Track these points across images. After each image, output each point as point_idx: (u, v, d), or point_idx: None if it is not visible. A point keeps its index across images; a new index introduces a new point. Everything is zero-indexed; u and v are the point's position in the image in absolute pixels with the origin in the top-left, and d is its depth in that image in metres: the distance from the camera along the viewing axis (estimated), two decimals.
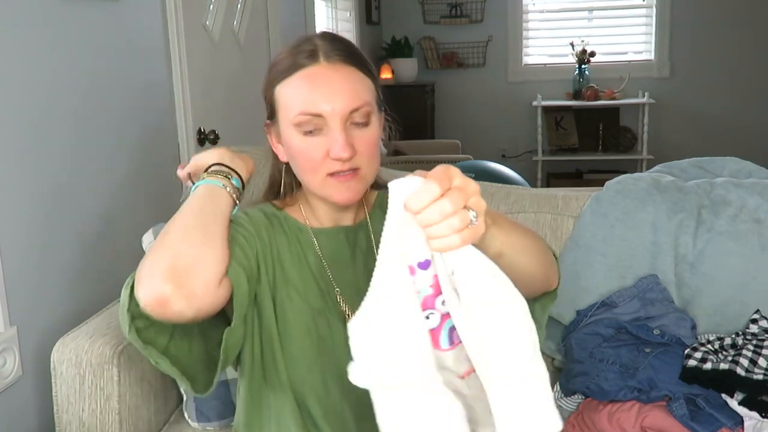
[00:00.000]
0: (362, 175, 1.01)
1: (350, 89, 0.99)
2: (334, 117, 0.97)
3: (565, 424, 1.50)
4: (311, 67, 0.99)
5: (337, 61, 1.00)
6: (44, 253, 1.59)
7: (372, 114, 1.01)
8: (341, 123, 0.98)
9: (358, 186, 1.01)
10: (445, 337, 0.76)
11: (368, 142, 1.00)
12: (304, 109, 0.98)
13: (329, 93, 0.98)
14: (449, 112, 5.60)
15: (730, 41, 5.22)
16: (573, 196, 1.79)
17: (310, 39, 1.03)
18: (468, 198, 0.70)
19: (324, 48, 1.01)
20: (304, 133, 0.99)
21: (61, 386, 1.41)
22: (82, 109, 1.72)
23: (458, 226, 0.69)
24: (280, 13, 3.14)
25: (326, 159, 0.99)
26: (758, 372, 1.38)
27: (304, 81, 0.99)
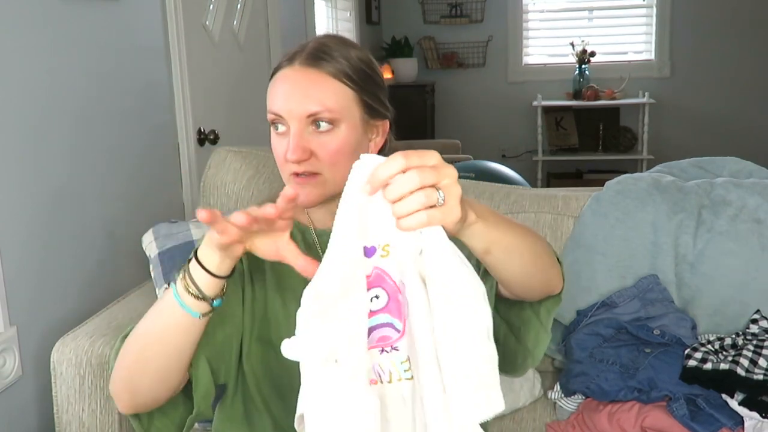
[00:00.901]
0: (322, 181, 1.00)
1: (313, 93, 0.99)
2: (291, 119, 0.99)
3: (565, 424, 1.50)
4: (286, 69, 1.02)
5: (310, 65, 1.00)
6: (44, 253, 1.59)
7: (339, 121, 1.00)
8: (298, 125, 0.99)
9: (315, 190, 1.01)
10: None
11: (329, 148, 0.99)
12: (270, 108, 1.01)
13: (290, 95, 0.99)
14: (449, 112, 5.59)
15: (730, 41, 5.22)
16: (573, 196, 1.79)
17: (307, 42, 1.05)
18: (440, 179, 0.71)
19: (308, 50, 1.01)
20: (274, 131, 1.02)
21: (61, 386, 1.41)
22: (82, 109, 1.72)
23: (424, 201, 0.69)
24: (280, 13, 3.14)
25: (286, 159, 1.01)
26: (758, 372, 1.38)
27: (277, 81, 1.02)
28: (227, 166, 1.79)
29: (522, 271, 0.92)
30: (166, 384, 0.95)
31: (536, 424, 1.55)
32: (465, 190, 0.76)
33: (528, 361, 1.07)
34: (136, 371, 0.94)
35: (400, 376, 0.77)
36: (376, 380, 0.76)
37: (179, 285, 0.88)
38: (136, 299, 1.62)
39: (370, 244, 0.75)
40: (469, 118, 5.56)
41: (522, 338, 1.06)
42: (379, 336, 0.76)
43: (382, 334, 0.76)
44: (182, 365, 0.94)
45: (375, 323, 0.76)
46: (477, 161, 3.84)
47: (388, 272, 0.76)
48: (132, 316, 1.52)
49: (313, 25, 3.71)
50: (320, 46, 1.03)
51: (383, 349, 0.76)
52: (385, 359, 0.76)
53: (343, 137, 1.01)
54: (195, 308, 0.88)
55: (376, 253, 0.76)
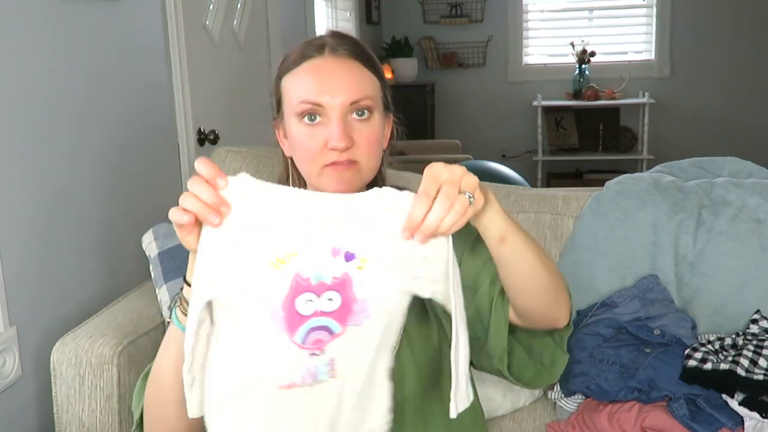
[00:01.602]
0: (359, 169, 1.00)
1: (352, 81, 0.99)
2: (333, 108, 0.98)
3: (565, 424, 1.50)
4: (316, 59, 1.01)
5: (342, 55, 1.01)
6: (44, 253, 1.59)
7: (374, 109, 1.01)
8: (340, 114, 0.98)
9: (353, 178, 1.00)
10: (302, 333, 0.79)
11: (368, 135, 1.00)
12: (305, 98, 0.99)
13: (330, 83, 0.98)
14: (449, 112, 5.59)
15: (730, 41, 5.22)
16: (573, 196, 1.79)
17: (321, 36, 1.05)
18: (459, 184, 0.79)
19: (332, 43, 1.02)
20: (305, 123, 1.00)
21: (61, 386, 1.41)
22: (82, 109, 1.72)
23: (461, 210, 0.78)
24: (280, 13, 3.14)
25: (324, 150, 0.99)
26: (758, 372, 1.38)
27: (307, 72, 1.00)
28: (227, 166, 1.79)
29: (534, 273, 0.93)
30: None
31: (536, 424, 1.55)
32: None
33: (544, 376, 1.09)
34: (161, 405, 0.94)
35: (317, 379, 0.80)
36: (296, 383, 0.80)
37: (178, 313, 0.89)
38: (136, 299, 1.62)
39: (353, 250, 0.78)
40: (469, 118, 5.56)
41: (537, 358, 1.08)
42: (315, 339, 0.79)
43: (318, 337, 0.79)
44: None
45: (317, 324, 0.79)
46: (477, 161, 3.84)
47: (353, 282, 0.79)
48: (132, 317, 1.52)
49: (313, 25, 3.71)
50: (343, 38, 1.03)
51: (314, 353, 0.79)
52: (312, 362, 0.80)
53: (377, 125, 1.02)
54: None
55: (353, 261, 0.78)
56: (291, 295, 0.77)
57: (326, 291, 0.78)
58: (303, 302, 0.78)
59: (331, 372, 0.80)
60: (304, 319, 0.78)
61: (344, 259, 0.78)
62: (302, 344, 0.79)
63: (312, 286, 0.78)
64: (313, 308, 0.78)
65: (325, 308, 0.78)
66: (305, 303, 0.78)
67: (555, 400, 1.57)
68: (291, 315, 0.78)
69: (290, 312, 0.78)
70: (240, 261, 0.77)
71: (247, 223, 0.77)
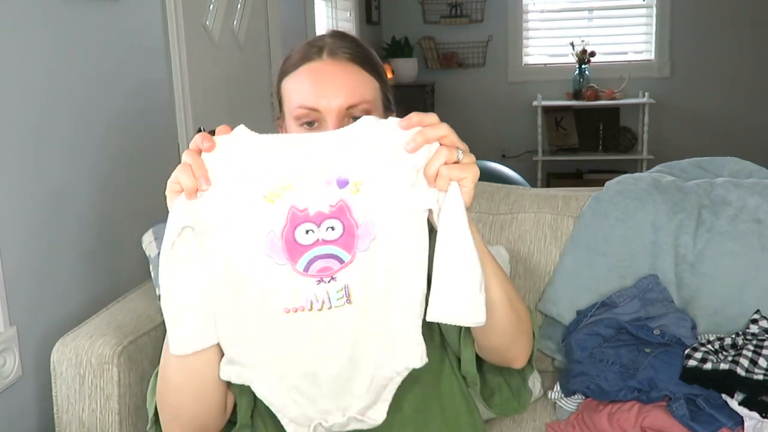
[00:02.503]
0: None
1: (349, 85, 0.99)
2: (330, 112, 0.98)
3: (565, 424, 1.50)
4: (315, 62, 1.00)
5: (341, 58, 1.01)
6: (44, 253, 1.59)
7: (372, 112, 1.01)
8: (336, 118, 0.98)
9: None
10: (305, 261, 0.81)
11: None
12: (302, 103, 0.99)
13: (327, 88, 0.98)
14: (449, 112, 5.59)
15: (730, 41, 5.21)
16: (573, 196, 1.79)
17: (321, 37, 1.04)
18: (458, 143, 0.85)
19: (331, 45, 1.02)
20: (303, 126, 1.00)
21: (61, 386, 1.41)
22: (82, 109, 1.72)
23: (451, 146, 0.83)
24: (280, 13, 3.14)
25: None
26: (758, 372, 1.38)
27: (305, 75, 1.00)
28: None
29: (498, 305, 0.92)
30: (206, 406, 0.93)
31: (536, 424, 1.55)
32: None
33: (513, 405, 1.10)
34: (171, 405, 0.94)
35: (331, 305, 0.82)
36: (304, 307, 0.82)
37: None
38: (136, 299, 1.62)
39: (344, 176, 0.80)
40: (469, 118, 5.56)
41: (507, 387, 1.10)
42: (321, 267, 0.81)
43: (324, 264, 0.81)
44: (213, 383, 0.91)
45: (321, 253, 0.81)
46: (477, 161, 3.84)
47: (351, 207, 0.81)
48: (132, 316, 1.52)
49: (313, 25, 3.71)
50: (344, 39, 1.03)
51: (321, 280, 0.81)
52: (321, 289, 0.81)
53: None
54: None
55: (346, 186, 0.80)
56: (289, 227, 0.80)
57: (326, 220, 0.80)
58: (302, 232, 0.80)
59: (346, 298, 0.82)
60: (306, 248, 0.80)
61: (337, 186, 0.80)
62: (305, 272, 0.81)
63: (310, 217, 0.80)
64: (314, 238, 0.80)
65: (327, 237, 0.80)
66: (305, 233, 0.80)
67: (555, 400, 1.57)
68: (291, 245, 0.80)
69: (290, 242, 0.80)
70: (233, 197, 0.80)
71: (239, 166, 0.80)
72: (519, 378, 1.09)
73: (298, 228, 0.80)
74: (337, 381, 0.84)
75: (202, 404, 0.93)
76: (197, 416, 0.93)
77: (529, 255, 1.74)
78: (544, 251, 1.74)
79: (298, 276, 0.81)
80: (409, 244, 0.82)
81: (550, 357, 1.72)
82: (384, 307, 0.83)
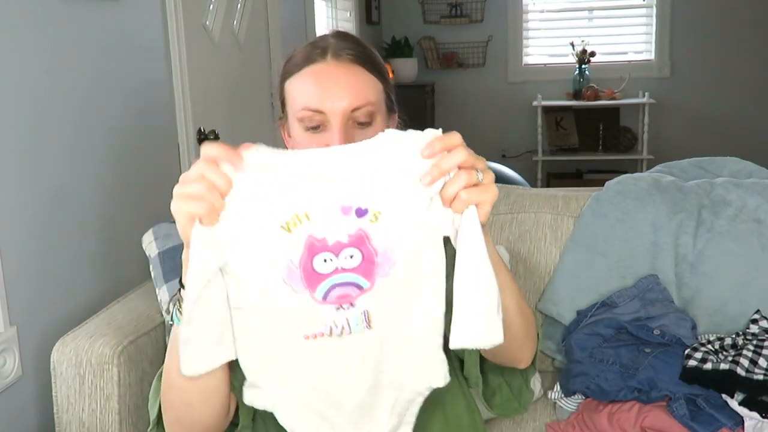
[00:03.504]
0: None
1: (353, 87, 0.99)
2: (334, 114, 0.97)
3: (565, 424, 1.50)
4: (318, 64, 1.00)
5: (345, 60, 1.00)
6: (44, 253, 1.59)
7: (376, 115, 1.00)
8: (341, 121, 0.97)
9: None
10: (323, 289, 0.80)
11: None
12: (306, 105, 0.98)
13: (331, 90, 0.98)
14: (449, 112, 5.59)
15: (730, 41, 5.21)
16: (573, 196, 1.80)
17: (324, 37, 1.04)
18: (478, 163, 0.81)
19: (334, 46, 1.01)
20: (307, 128, 0.99)
21: (61, 386, 1.41)
22: (82, 109, 1.72)
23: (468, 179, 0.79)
24: (280, 13, 3.14)
25: None
26: (758, 372, 1.38)
27: (309, 77, 1.00)
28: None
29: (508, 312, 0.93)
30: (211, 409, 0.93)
31: (536, 424, 1.55)
32: None
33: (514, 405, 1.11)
34: (175, 407, 0.94)
35: (351, 330, 0.81)
36: (323, 333, 0.80)
37: (178, 314, 0.88)
38: (136, 299, 1.62)
39: (364, 206, 0.79)
40: (469, 118, 5.56)
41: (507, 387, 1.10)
42: (340, 294, 0.80)
43: (343, 292, 0.80)
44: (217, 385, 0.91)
45: (340, 281, 0.80)
46: None
47: (370, 236, 0.79)
48: (132, 316, 1.52)
49: (313, 25, 3.71)
50: (347, 40, 1.02)
51: (340, 306, 0.80)
52: (340, 315, 0.80)
53: (378, 131, 1.01)
54: None
55: (365, 216, 0.79)
56: (307, 256, 0.78)
57: (344, 249, 0.79)
58: (321, 261, 0.79)
59: (366, 323, 0.81)
60: (324, 276, 0.79)
61: (356, 216, 0.78)
62: (323, 300, 0.80)
63: (328, 246, 0.78)
64: (332, 266, 0.79)
65: (345, 265, 0.79)
66: (323, 262, 0.79)
67: (555, 400, 1.57)
68: (309, 273, 0.79)
69: (307, 271, 0.79)
70: (249, 227, 0.78)
71: (258, 189, 0.78)
72: (520, 378, 1.09)
73: (316, 257, 0.78)
74: (361, 407, 0.83)
75: (208, 407, 0.92)
76: (202, 419, 0.93)
77: (529, 255, 1.74)
78: (544, 251, 1.74)
79: (316, 303, 0.80)
80: (427, 266, 0.81)
81: (550, 357, 1.72)
82: (404, 329, 0.82)
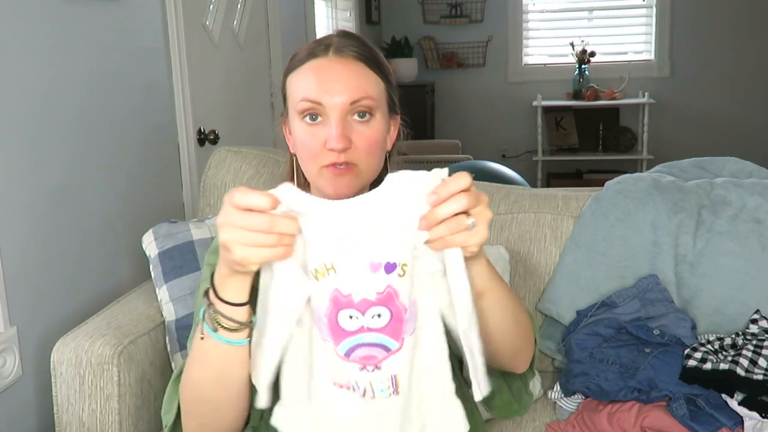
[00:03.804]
0: (357, 172, 1.00)
1: (353, 81, 0.99)
2: (333, 107, 0.97)
3: (565, 424, 1.50)
4: (320, 59, 1.01)
5: (347, 56, 1.01)
6: (44, 253, 1.59)
7: (375, 111, 1.01)
8: (340, 114, 0.97)
9: (352, 182, 0.99)
10: (346, 347, 0.77)
11: (367, 137, 0.99)
12: (306, 96, 0.99)
13: (331, 82, 0.98)
14: (449, 112, 5.60)
15: (730, 41, 5.22)
16: (573, 196, 1.79)
17: (329, 36, 1.05)
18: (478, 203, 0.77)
19: (338, 43, 1.02)
20: (306, 121, 1.00)
21: (61, 386, 1.41)
22: (82, 109, 1.72)
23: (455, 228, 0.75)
24: (280, 13, 3.14)
25: (323, 150, 0.98)
26: (758, 372, 1.38)
27: (310, 71, 1.00)
28: (227, 166, 1.79)
29: (504, 329, 0.95)
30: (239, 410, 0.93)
31: (536, 424, 1.55)
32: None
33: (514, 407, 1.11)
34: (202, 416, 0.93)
35: (375, 395, 0.77)
36: (349, 386, 0.78)
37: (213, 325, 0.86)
38: (136, 299, 1.62)
39: (393, 260, 0.75)
40: (469, 118, 5.56)
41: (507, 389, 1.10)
42: (364, 354, 0.76)
43: (368, 353, 0.76)
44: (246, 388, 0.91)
45: (365, 341, 0.76)
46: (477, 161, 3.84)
47: (399, 292, 0.76)
48: (132, 316, 1.52)
49: (313, 25, 3.71)
50: (351, 38, 1.03)
51: (364, 367, 0.77)
52: (363, 377, 0.77)
53: (378, 127, 1.01)
54: (238, 337, 0.86)
55: (395, 270, 0.75)
56: (332, 309, 0.76)
57: (372, 307, 0.75)
58: (346, 318, 0.76)
59: (393, 389, 0.77)
60: (349, 333, 0.76)
61: (385, 272, 0.75)
62: (346, 356, 0.77)
63: (354, 304, 0.75)
64: (358, 324, 0.76)
65: (372, 325, 0.75)
66: (348, 319, 0.76)
67: (555, 400, 1.57)
68: (334, 327, 0.76)
69: (332, 323, 0.76)
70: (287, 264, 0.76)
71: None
72: (520, 381, 1.10)
73: (341, 312, 0.75)
74: None
75: (236, 410, 0.93)
76: (231, 421, 0.93)
77: (529, 255, 1.74)
78: (544, 251, 1.74)
79: (339, 358, 0.77)
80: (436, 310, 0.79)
81: (550, 357, 1.72)
82: (423, 388, 0.80)
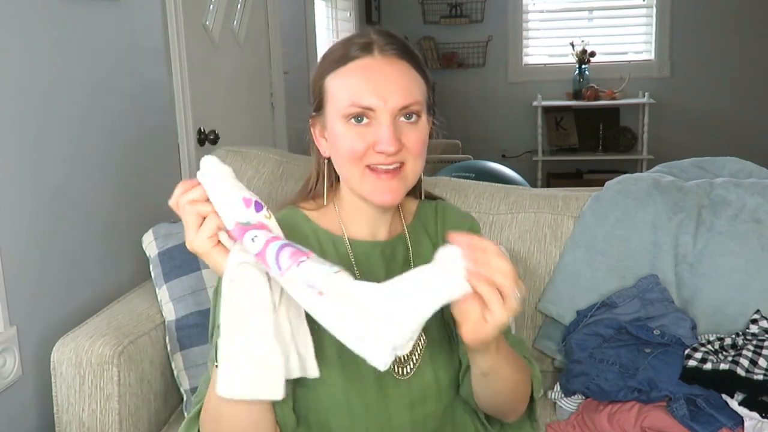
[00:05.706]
0: (405, 174, 0.98)
1: (403, 85, 0.97)
2: (384, 111, 0.95)
3: (565, 424, 1.50)
4: (365, 59, 0.98)
5: (391, 56, 0.98)
6: (44, 253, 1.59)
7: (422, 113, 0.99)
8: (391, 117, 0.95)
9: (398, 186, 0.98)
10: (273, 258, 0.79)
11: (416, 139, 0.98)
12: (356, 101, 0.95)
13: (383, 86, 0.95)
14: (449, 112, 5.59)
15: (730, 41, 5.22)
16: (573, 196, 1.79)
17: (365, 32, 1.01)
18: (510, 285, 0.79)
19: (379, 42, 0.99)
20: (352, 123, 0.97)
21: (61, 386, 1.41)
22: (82, 109, 1.72)
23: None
24: (280, 13, 3.13)
25: (369, 151, 0.96)
26: (758, 372, 1.38)
27: (357, 72, 0.97)
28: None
29: (501, 399, 0.99)
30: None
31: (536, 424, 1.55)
32: (465, 189, 0.77)
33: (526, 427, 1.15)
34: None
35: (327, 271, 0.78)
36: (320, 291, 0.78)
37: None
38: (136, 299, 1.62)
39: (259, 200, 0.83)
40: (469, 118, 5.56)
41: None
42: (290, 252, 0.79)
43: (291, 250, 0.79)
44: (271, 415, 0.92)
45: (276, 247, 0.79)
46: (477, 161, 3.83)
47: (270, 227, 0.82)
48: (132, 316, 1.52)
49: (313, 25, 3.71)
50: (389, 36, 1.01)
51: (300, 262, 0.78)
52: (307, 268, 0.78)
53: (424, 129, 1.01)
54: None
55: (262, 211, 0.83)
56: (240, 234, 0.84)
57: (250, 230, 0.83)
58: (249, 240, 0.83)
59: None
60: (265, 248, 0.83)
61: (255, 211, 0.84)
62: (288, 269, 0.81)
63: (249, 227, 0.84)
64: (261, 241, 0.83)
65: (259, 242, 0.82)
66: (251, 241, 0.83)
67: (555, 400, 1.57)
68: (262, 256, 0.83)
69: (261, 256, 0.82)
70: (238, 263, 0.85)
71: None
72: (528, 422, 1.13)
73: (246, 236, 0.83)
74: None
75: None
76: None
77: (529, 255, 1.74)
78: (544, 251, 1.74)
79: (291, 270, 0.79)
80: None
81: (550, 357, 1.72)
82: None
